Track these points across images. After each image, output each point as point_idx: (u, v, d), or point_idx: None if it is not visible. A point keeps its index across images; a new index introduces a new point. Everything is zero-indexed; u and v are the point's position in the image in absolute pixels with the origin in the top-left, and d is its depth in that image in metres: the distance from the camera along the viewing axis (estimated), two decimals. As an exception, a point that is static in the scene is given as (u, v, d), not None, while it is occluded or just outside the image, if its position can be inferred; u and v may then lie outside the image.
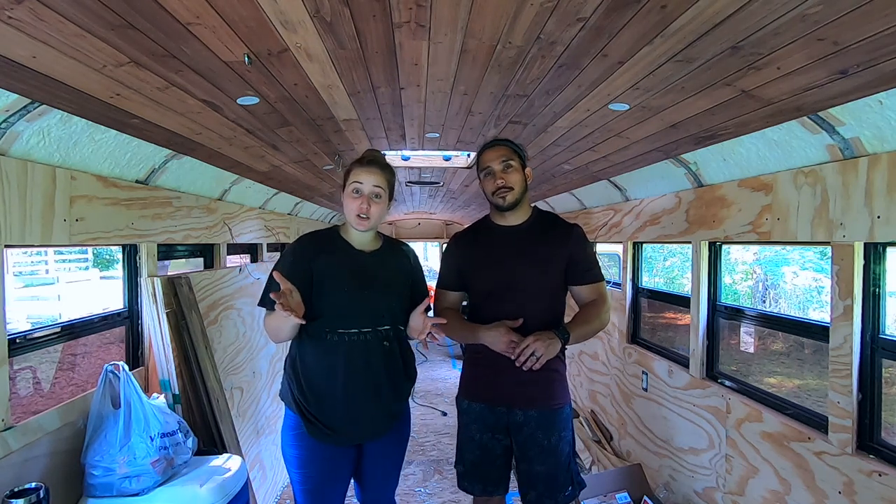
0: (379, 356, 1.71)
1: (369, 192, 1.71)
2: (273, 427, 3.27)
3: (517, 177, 1.89)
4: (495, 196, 1.89)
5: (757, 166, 2.17)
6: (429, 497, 3.37)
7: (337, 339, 1.68)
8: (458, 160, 3.89)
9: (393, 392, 1.77)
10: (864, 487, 1.70)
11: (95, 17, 1.15)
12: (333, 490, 1.78)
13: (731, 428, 2.40)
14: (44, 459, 1.74)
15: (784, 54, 1.34)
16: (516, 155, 1.91)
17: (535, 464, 1.87)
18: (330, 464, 1.74)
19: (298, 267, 1.68)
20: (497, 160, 1.88)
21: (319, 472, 1.73)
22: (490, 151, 1.91)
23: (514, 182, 1.87)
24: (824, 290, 9.18)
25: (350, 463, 1.80)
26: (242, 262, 3.86)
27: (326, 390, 1.69)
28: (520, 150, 1.93)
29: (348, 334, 1.68)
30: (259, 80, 1.65)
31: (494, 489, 1.98)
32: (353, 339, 1.68)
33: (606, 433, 3.92)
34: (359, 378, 1.69)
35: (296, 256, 1.73)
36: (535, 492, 1.89)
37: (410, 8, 1.24)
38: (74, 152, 1.83)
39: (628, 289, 3.64)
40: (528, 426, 1.87)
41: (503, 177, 1.86)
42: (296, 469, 1.75)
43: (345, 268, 1.73)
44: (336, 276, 1.70)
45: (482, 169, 1.92)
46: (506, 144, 1.92)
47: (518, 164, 1.90)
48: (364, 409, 1.71)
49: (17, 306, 9.14)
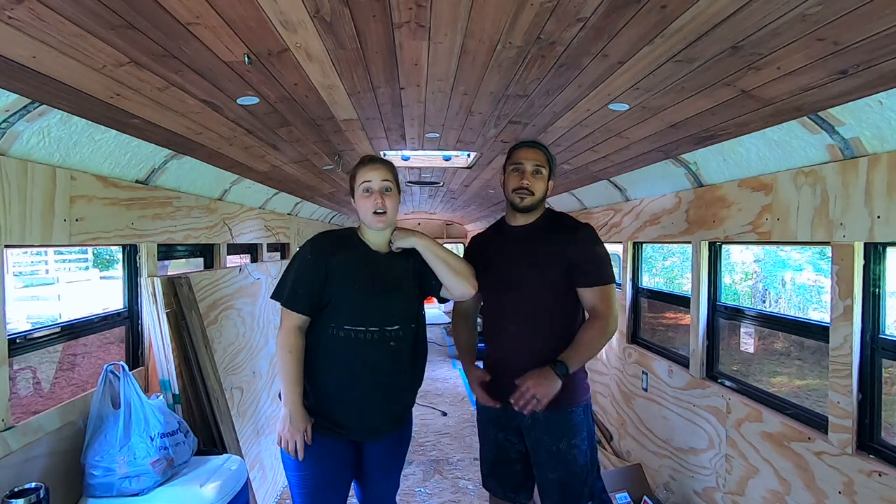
0: (385, 356, 1.71)
1: (380, 187, 1.73)
2: (273, 427, 3.27)
3: (542, 185, 1.90)
4: (515, 193, 1.88)
5: (757, 166, 2.17)
6: (429, 497, 3.37)
7: (343, 336, 1.68)
8: (458, 160, 3.89)
9: (397, 394, 1.77)
10: (864, 487, 1.70)
11: (95, 17, 1.15)
12: (332, 493, 1.75)
13: (731, 428, 2.40)
14: (44, 459, 1.73)
15: (784, 54, 1.34)
16: (548, 164, 1.92)
17: (547, 471, 1.84)
18: (328, 464, 1.72)
19: (318, 265, 1.69)
20: (531, 161, 1.89)
21: (317, 473, 1.71)
22: (528, 150, 1.91)
23: (537, 189, 1.88)
24: (824, 289, 9.18)
25: (350, 466, 1.79)
26: (242, 262, 3.86)
27: (330, 384, 1.69)
28: (552, 162, 1.94)
29: (355, 332, 1.68)
30: (259, 80, 1.65)
31: (515, 496, 1.97)
32: (359, 338, 1.68)
33: (606, 433, 3.93)
34: (364, 376, 1.69)
35: (314, 255, 1.72)
36: (550, 501, 1.86)
37: (410, 8, 1.24)
38: (74, 152, 1.83)
39: (628, 289, 3.64)
40: (535, 429, 1.85)
41: (530, 180, 1.87)
42: (294, 471, 1.72)
43: (358, 267, 1.74)
44: (349, 275, 1.71)
45: (512, 164, 1.91)
46: (544, 150, 1.93)
47: (546, 172, 1.91)
48: (366, 405, 1.71)
49: (17, 306, 9.14)
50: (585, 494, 1.83)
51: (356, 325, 1.68)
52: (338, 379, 1.69)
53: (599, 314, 1.81)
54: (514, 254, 1.90)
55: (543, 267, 1.86)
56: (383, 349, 1.70)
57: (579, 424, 1.84)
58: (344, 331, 1.68)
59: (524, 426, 1.87)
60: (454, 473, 3.72)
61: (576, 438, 1.83)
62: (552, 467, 1.83)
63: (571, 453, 1.82)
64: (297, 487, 1.74)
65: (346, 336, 1.68)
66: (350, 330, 1.68)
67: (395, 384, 1.75)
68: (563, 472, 1.82)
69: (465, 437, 4.39)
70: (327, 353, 1.69)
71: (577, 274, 1.84)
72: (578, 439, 1.83)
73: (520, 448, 1.92)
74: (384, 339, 1.70)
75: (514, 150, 1.95)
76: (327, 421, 1.69)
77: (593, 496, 1.85)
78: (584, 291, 1.85)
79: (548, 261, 1.86)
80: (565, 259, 1.84)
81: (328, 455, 1.72)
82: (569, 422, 1.83)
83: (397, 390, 1.77)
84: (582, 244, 1.86)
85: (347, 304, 1.69)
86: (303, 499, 1.73)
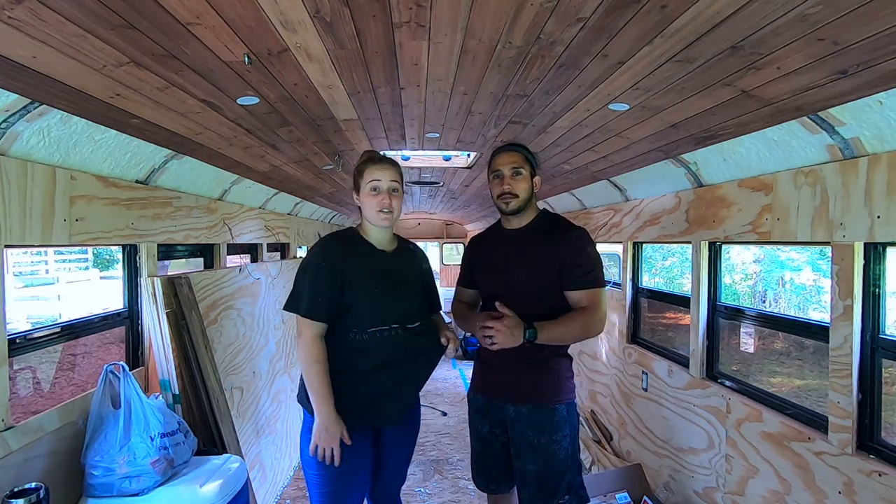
0: (407, 351, 1.73)
1: (388, 187, 1.75)
2: (273, 427, 3.27)
3: (524, 185, 1.92)
4: (500, 200, 1.94)
5: (757, 166, 2.17)
6: (429, 497, 3.37)
7: (367, 338, 1.69)
8: (458, 160, 3.89)
9: (416, 386, 1.82)
10: (864, 487, 1.70)
11: (95, 17, 1.15)
12: (352, 493, 1.76)
13: (731, 428, 2.40)
14: (44, 459, 1.74)
15: (784, 54, 1.34)
16: (528, 163, 1.94)
17: (527, 462, 1.88)
18: (349, 464, 1.70)
19: (334, 272, 1.69)
20: (508, 166, 1.92)
21: (338, 474, 1.70)
22: (503, 156, 1.95)
23: (519, 190, 1.91)
24: (823, 289, 9.19)
25: (369, 465, 1.80)
26: (242, 262, 3.86)
27: (351, 379, 1.70)
28: (532, 158, 1.97)
29: (379, 332, 1.70)
30: (259, 80, 1.65)
31: (496, 487, 2.03)
32: (383, 336, 1.70)
33: (606, 433, 3.93)
34: (387, 371, 1.71)
35: (328, 262, 1.72)
36: (527, 491, 1.90)
37: (410, 8, 1.24)
38: (74, 152, 1.83)
39: (628, 289, 3.64)
40: (519, 423, 1.89)
41: (510, 183, 1.91)
42: (314, 471, 1.72)
43: (371, 269, 1.75)
44: (365, 278, 1.72)
45: (492, 171, 1.97)
46: (519, 151, 1.96)
47: (528, 171, 1.93)
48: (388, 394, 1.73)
49: (17, 306, 9.15)
50: (563, 487, 1.88)
51: (379, 326, 1.70)
52: (365, 374, 1.70)
53: (586, 309, 1.83)
54: (510, 256, 1.94)
55: (537, 269, 1.88)
56: (407, 344, 1.73)
57: (562, 421, 1.88)
58: (368, 333, 1.69)
59: (508, 418, 1.92)
60: (454, 473, 3.72)
61: (557, 434, 1.86)
62: (532, 460, 1.87)
63: (551, 448, 1.86)
64: (317, 486, 1.73)
65: (370, 338, 1.69)
66: (374, 331, 1.70)
67: (417, 377, 1.80)
68: (541, 465, 1.86)
69: (465, 437, 4.36)
70: (352, 356, 1.70)
71: (568, 276, 1.85)
72: (560, 435, 1.87)
73: (503, 440, 1.97)
74: (407, 334, 1.73)
75: (492, 158, 1.99)
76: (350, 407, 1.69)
77: (570, 490, 1.88)
78: (572, 294, 1.86)
79: (539, 263, 1.88)
80: (557, 261, 1.86)
81: (349, 459, 1.70)
82: (552, 418, 1.87)
83: (417, 384, 1.82)
84: (573, 248, 1.87)
85: (367, 308, 1.70)
86: (321, 498, 1.73)
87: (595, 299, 1.83)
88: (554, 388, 1.89)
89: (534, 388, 1.88)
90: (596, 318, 1.83)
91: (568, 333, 1.84)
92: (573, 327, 1.82)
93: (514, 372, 1.89)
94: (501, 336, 1.74)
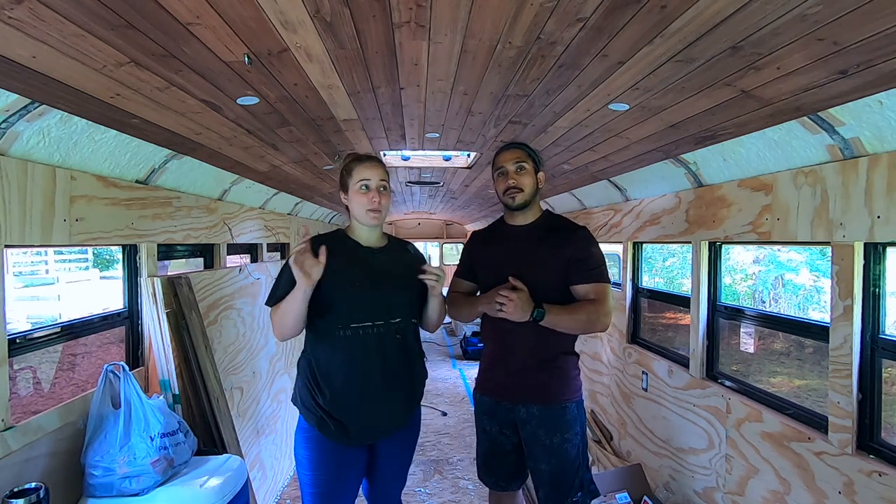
0: (393, 347, 1.73)
1: (376, 185, 1.76)
2: (273, 427, 3.27)
3: (529, 180, 1.95)
4: (506, 195, 1.96)
5: (757, 166, 2.17)
6: (429, 497, 3.38)
7: (350, 334, 1.69)
8: (458, 160, 3.89)
9: (408, 386, 1.80)
10: (864, 487, 1.70)
11: (95, 17, 1.15)
12: (343, 496, 1.76)
13: (731, 428, 2.40)
14: (44, 459, 1.74)
15: (784, 54, 1.34)
16: (530, 159, 1.97)
17: (541, 462, 1.90)
18: (342, 468, 1.72)
19: None
20: (511, 161, 1.95)
21: (331, 476, 1.72)
22: (506, 153, 1.99)
23: (524, 184, 1.94)
24: (823, 290, 9.19)
25: (362, 469, 1.80)
26: (242, 262, 3.86)
27: (342, 385, 1.69)
28: (534, 155, 2.00)
29: (362, 328, 1.70)
30: (259, 80, 1.65)
31: (507, 485, 2.05)
32: (367, 332, 1.70)
33: (606, 433, 3.93)
34: (375, 369, 1.70)
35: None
36: (543, 491, 1.92)
37: (410, 8, 1.24)
38: (74, 152, 1.83)
39: (628, 289, 3.64)
40: (530, 423, 1.90)
41: (515, 178, 1.93)
42: (307, 471, 1.73)
43: (356, 265, 1.76)
44: (348, 274, 1.72)
45: (496, 169, 2.00)
46: (521, 148, 2.00)
47: (531, 167, 1.96)
48: (380, 403, 1.72)
49: (17, 306, 9.15)
50: (576, 485, 1.90)
51: (362, 322, 1.70)
52: (353, 375, 1.70)
53: (594, 301, 1.85)
54: (513, 253, 1.94)
55: (541, 266, 1.89)
56: (392, 341, 1.73)
57: (572, 419, 1.90)
58: (351, 329, 1.69)
59: (519, 419, 1.93)
60: (454, 473, 3.72)
61: (569, 433, 1.88)
62: (545, 460, 1.89)
63: (564, 447, 1.87)
64: (309, 486, 1.74)
65: (353, 334, 1.69)
66: (357, 327, 1.69)
67: (407, 375, 1.78)
68: (555, 464, 1.88)
69: (465, 437, 4.39)
70: (339, 353, 1.70)
71: (576, 272, 1.87)
72: (571, 434, 1.89)
73: (513, 440, 1.97)
74: (390, 331, 1.73)
75: (495, 158, 2.03)
76: (345, 428, 1.69)
77: (583, 486, 1.92)
78: (579, 287, 1.87)
79: (545, 260, 1.89)
80: (563, 259, 1.87)
81: (343, 462, 1.72)
82: (563, 417, 1.88)
83: (409, 383, 1.80)
84: (580, 245, 1.90)
85: (349, 303, 1.70)
86: (312, 498, 1.73)
87: (602, 293, 1.86)
88: (562, 387, 1.90)
89: (542, 388, 1.89)
90: (602, 312, 1.84)
91: (574, 322, 1.84)
92: (580, 316, 1.83)
93: (521, 371, 1.90)
94: (512, 306, 1.76)
